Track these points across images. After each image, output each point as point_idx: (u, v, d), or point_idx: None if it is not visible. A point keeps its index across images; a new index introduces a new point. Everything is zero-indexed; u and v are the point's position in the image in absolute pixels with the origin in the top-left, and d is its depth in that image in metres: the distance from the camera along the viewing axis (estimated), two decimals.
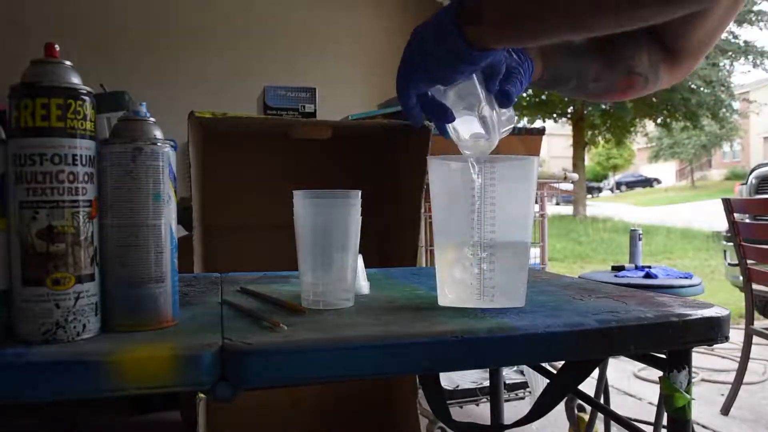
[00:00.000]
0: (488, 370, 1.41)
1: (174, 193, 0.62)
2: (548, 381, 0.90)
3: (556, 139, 27.22)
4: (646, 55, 0.85)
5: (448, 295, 0.72)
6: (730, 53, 14.34)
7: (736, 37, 14.45)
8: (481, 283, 0.69)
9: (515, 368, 2.13)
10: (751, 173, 3.47)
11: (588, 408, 1.62)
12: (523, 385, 2.07)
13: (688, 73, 0.90)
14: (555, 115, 15.41)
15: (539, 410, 0.87)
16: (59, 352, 0.52)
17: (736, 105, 16.85)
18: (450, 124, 0.71)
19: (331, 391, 1.73)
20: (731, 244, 2.44)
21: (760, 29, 14.89)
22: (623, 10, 0.58)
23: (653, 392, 2.34)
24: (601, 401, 1.20)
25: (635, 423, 0.86)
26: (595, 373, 0.88)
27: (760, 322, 2.75)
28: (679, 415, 0.67)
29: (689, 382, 0.67)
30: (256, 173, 1.75)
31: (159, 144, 0.60)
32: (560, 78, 0.83)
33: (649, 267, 2.39)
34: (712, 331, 0.67)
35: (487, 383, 1.89)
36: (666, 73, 0.87)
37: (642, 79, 0.85)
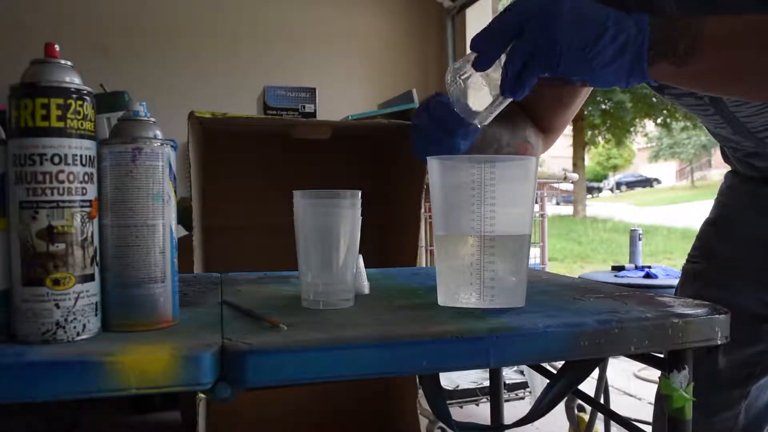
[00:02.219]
0: (488, 370, 1.41)
1: (174, 193, 0.62)
2: (548, 381, 0.90)
3: None
4: (533, 129, 0.99)
5: (448, 295, 0.72)
6: None
7: None
8: (481, 283, 0.69)
9: (515, 368, 2.13)
10: None
11: (588, 408, 1.62)
12: (523, 385, 2.08)
13: (551, 146, 1.08)
14: None
15: (539, 410, 0.87)
16: (59, 352, 0.52)
17: None
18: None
19: (330, 391, 1.73)
20: None
21: None
22: None
23: (653, 392, 2.34)
24: (601, 401, 1.19)
25: (635, 423, 0.86)
26: (595, 373, 0.88)
27: None
28: (679, 415, 0.67)
29: (689, 382, 0.67)
30: (256, 173, 1.75)
31: (159, 144, 0.60)
32: (489, 142, 0.91)
33: (649, 267, 2.40)
34: (712, 331, 0.67)
35: (487, 383, 1.89)
36: (543, 146, 1.03)
37: (531, 147, 0.99)
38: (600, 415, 1.50)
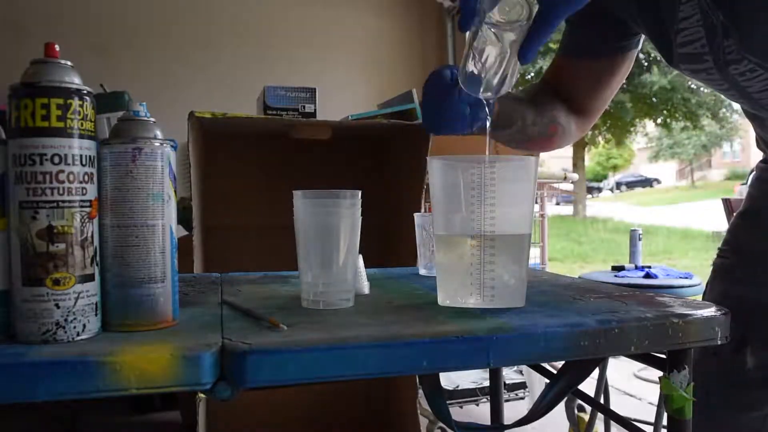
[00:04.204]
0: (488, 370, 1.41)
1: (174, 193, 0.62)
2: (548, 381, 0.90)
3: None
4: (563, 111, 0.99)
5: (447, 295, 0.72)
6: None
7: None
8: (481, 283, 0.69)
9: (515, 368, 2.13)
10: (751, 173, 3.46)
11: (588, 408, 1.62)
12: (523, 385, 2.08)
13: (589, 129, 1.08)
14: None
15: (539, 410, 0.87)
16: (59, 352, 0.52)
17: (736, 105, 16.83)
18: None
19: (331, 391, 1.73)
20: None
21: None
22: None
23: (653, 392, 2.34)
24: (601, 401, 1.19)
25: (635, 423, 0.86)
26: (595, 373, 0.88)
27: None
28: (679, 415, 0.67)
29: (689, 382, 0.67)
30: (256, 173, 1.75)
31: (159, 144, 0.60)
32: (510, 119, 0.90)
33: (649, 267, 2.39)
34: (712, 331, 0.67)
35: (487, 383, 1.89)
36: (576, 129, 1.02)
37: (561, 128, 0.98)
38: (600, 415, 1.50)
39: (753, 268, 0.94)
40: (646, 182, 28.99)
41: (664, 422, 0.85)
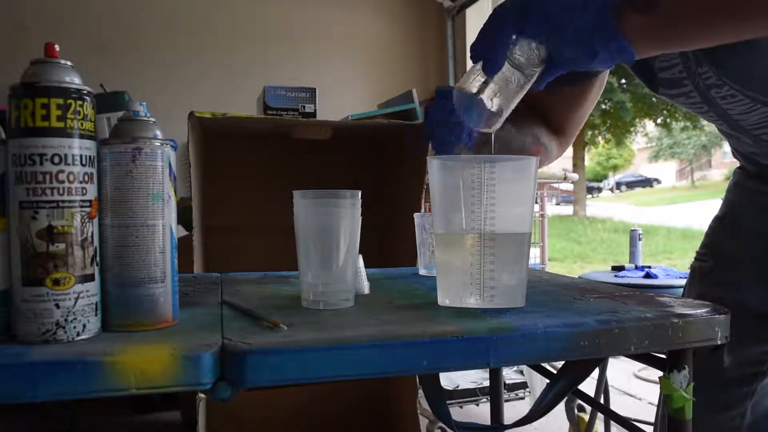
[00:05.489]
0: (488, 370, 1.41)
1: (174, 193, 0.62)
2: (548, 381, 0.90)
3: None
4: (544, 131, 0.99)
5: (447, 295, 0.72)
6: None
7: None
8: (481, 283, 0.69)
9: (515, 368, 2.13)
10: None
11: (588, 408, 1.62)
12: (523, 385, 2.08)
13: (566, 150, 1.07)
14: None
15: (539, 410, 0.87)
16: (59, 352, 0.52)
17: None
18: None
19: (331, 391, 1.73)
20: None
21: None
22: None
23: (653, 392, 2.34)
24: (601, 401, 1.19)
25: (635, 423, 0.86)
26: (595, 373, 0.88)
27: None
28: (679, 415, 0.67)
29: (689, 382, 0.67)
30: (256, 173, 1.75)
31: (159, 144, 0.60)
32: (488, 140, 0.90)
33: (649, 267, 2.40)
34: (712, 331, 0.67)
35: (487, 383, 1.90)
36: (556, 149, 1.02)
37: (544, 148, 0.99)
38: (600, 415, 1.50)
39: (730, 270, 0.96)
40: (646, 182, 28.97)
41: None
